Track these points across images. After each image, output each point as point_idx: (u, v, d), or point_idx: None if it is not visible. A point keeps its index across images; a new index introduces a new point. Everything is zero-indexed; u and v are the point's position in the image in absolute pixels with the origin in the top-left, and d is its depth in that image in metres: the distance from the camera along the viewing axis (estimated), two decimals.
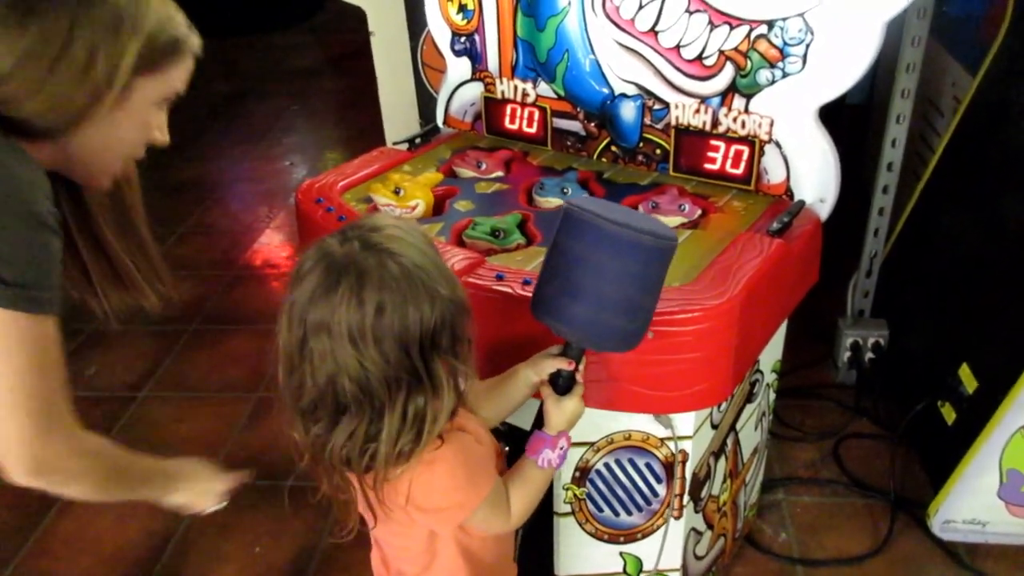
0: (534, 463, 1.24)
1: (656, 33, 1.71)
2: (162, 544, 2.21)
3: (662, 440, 1.54)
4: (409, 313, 0.99)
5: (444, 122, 2.13)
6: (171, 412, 2.69)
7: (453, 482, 1.12)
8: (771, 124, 1.66)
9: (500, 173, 1.88)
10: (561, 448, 1.26)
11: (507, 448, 1.50)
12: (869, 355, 2.56)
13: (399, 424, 1.02)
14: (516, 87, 1.97)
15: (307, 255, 1.03)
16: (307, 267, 1.01)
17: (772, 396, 1.99)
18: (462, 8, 1.96)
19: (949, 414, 2.11)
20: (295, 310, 1.01)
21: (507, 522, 1.23)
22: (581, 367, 1.26)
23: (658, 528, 1.64)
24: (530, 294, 1.38)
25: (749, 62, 1.63)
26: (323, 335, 0.99)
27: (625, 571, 1.71)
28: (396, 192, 1.70)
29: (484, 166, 1.89)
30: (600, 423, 1.53)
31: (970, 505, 2.03)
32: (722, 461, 1.76)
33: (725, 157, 1.74)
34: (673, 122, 1.78)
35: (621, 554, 1.69)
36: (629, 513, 1.63)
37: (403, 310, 0.99)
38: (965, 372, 2.07)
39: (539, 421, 1.28)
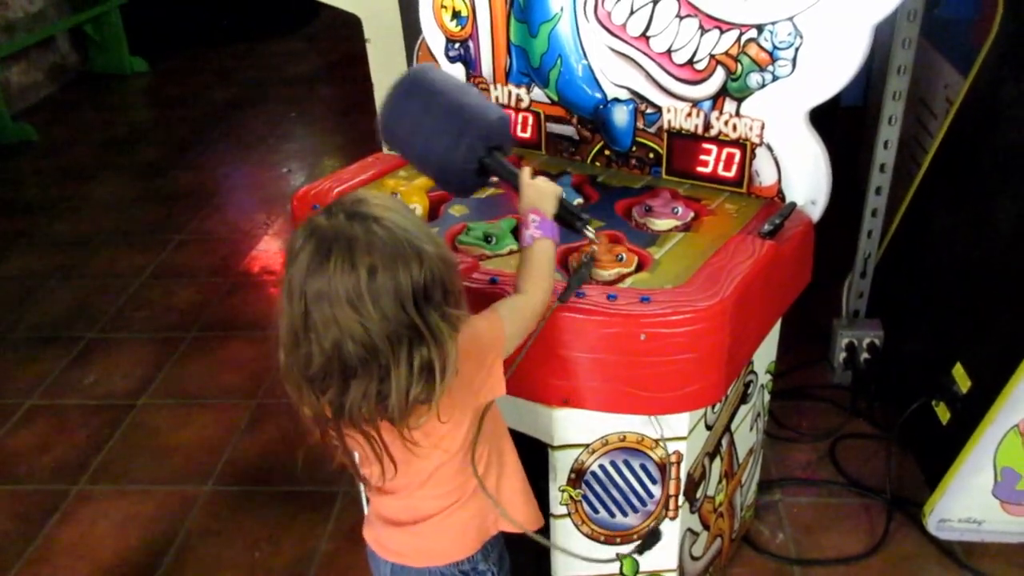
0: (524, 248, 1.34)
1: (647, 38, 1.73)
2: (162, 551, 2.22)
3: (656, 441, 1.55)
4: (399, 271, 1.05)
5: None
6: (170, 419, 2.70)
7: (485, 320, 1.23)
8: (762, 127, 1.68)
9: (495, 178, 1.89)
10: (534, 222, 1.34)
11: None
12: (864, 356, 2.57)
13: (407, 377, 1.07)
14: (510, 92, 1.98)
15: (297, 234, 1.09)
16: (299, 244, 1.07)
17: (767, 397, 2.00)
18: (456, 15, 1.98)
19: (943, 413, 2.12)
20: (294, 285, 1.06)
21: (538, 306, 1.31)
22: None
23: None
24: None
25: (739, 66, 1.65)
26: (324, 304, 1.04)
27: (622, 572, 1.71)
28: (393, 197, 1.72)
29: None
30: (594, 425, 1.54)
31: (965, 504, 2.04)
32: (717, 462, 1.77)
33: (717, 160, 1.76)
34: (665, 126, 1.79)
35: (618, 555, 1.70)
36: (625, 514, 1.64)
37: (393, 269, 1.05)
38: (959, 371, 2.08)
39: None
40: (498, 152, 1.43)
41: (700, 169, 1.78)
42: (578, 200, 1.77)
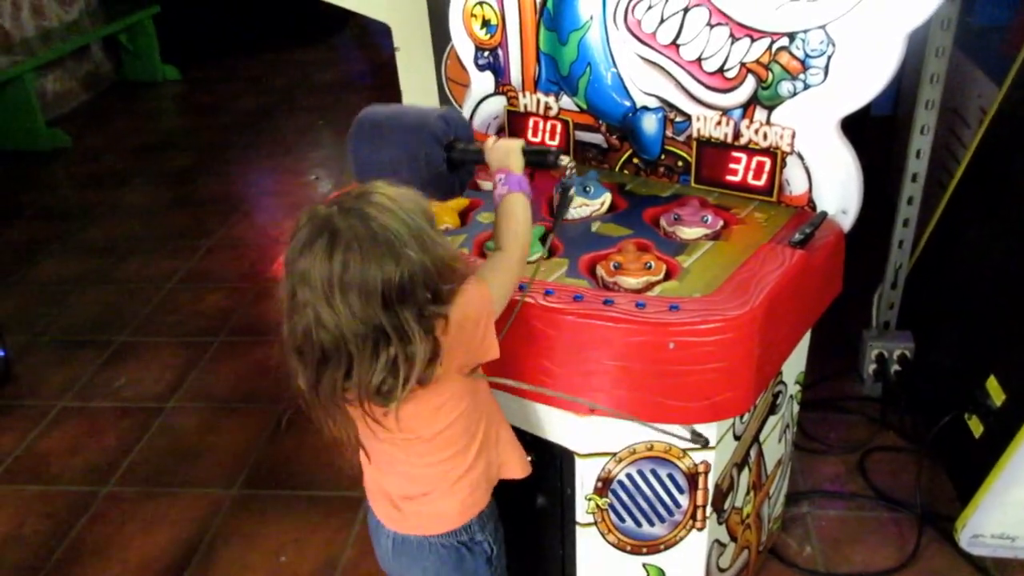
0: (500, 202, 1.39)
1: (677, 46, 1.73)
2: (189, 553, 2.24)
3: (684, 451, 1.54)
4: (371, 268, 1.09)
5: None
6: (198, 423, 2.73)
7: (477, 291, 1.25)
8: (793, 136, 1.67)
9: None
10: (500, 180, 1.41)
11: (530, 458, 1.51)
12: (895, 367, 2.54)
13: (370, 371, 1.13)
14: (539, 100, 1.99)
15: (302, 214, 1.15)
16: (299, 224, 1.14)
17: (796, 408, 1.98)
18: (485, 23, 1.99)
19: (976, 427, 2.08)
20: (288, 260, 1.14)
21: (518, 259, 1.35)
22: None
23: (681, 539, 1.64)
24: (552, 304, 1.40)
25: (770, 74, 1.64)
26: (305, 286, 1.11)
27: None
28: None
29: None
30: (622, 433, 1.53)
31: (999, 519, 2.00)
32: (745, 473, 1.75)
33: (747, 169, 1.75)
34: (695, 134, 1.79)
35: (644, 565, 1.69)
36: (652, 524, 1.63)
37: (365, 266, 1.09)
38: (992, 384, 2.04)
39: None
40: (458, 143, 1.50)
41: (729, 178, 1.77)
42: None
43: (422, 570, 1.42)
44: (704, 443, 1.53)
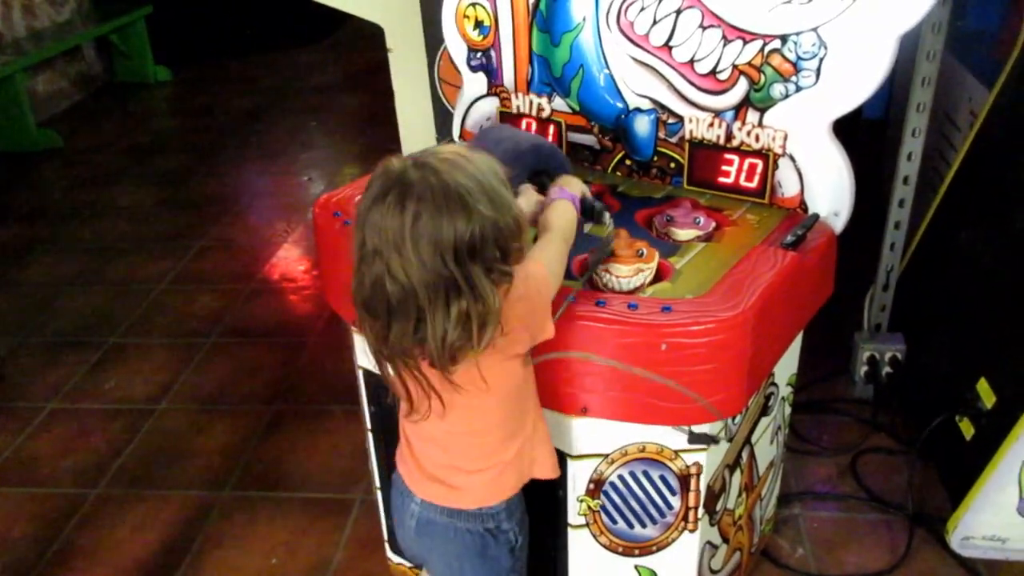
0: (550, 202, 1.46)
1: (670, 48, 1.73)
2: (179, 556, 2.22)
3: (676, 452, 1.54)
4: (443, 223, 1.11)
5: (460, 136, 2.16)
6: (189, 424, 2.72)
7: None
8: (785, 138, 1.67)
9: None
10: (554, 191, 1.48)
11: None
12: (886, 369, 2.54)
13: (443, 324, 1.14)
14: (531, 102, 1.99)
15: (376, 170, 1.17)
16: (373, 179, 1.17)
17: (788, 410, 1.98)
18: (478, 24, 1.98)
19: (967, 429, 2.09)
20: (360, 213, 1.16)
21: (563, 241, 1.38)
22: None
23: (673, 541, 1.64)
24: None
25: (763, 76, 1.64)
26: (375, 237, 1.13)
27: None
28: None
29: None
30: (614, 435, 1.53)
31: (990, 521, 2.01)
32: (737, 474, 1.75)
33: (739, 170, 1.75)
34: (687, 136, 1.79)
35: (636, 567, 1.69)
36: (644, 526, 1.63)
37: (437, 218, 1.11)
38: (983, 387, 2.05)
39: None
40: (545, 177, 1.57)
41: (722, 179, 1.78)
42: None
43: (443, 553, 1.43)
44: (710, 441, 1.53)
